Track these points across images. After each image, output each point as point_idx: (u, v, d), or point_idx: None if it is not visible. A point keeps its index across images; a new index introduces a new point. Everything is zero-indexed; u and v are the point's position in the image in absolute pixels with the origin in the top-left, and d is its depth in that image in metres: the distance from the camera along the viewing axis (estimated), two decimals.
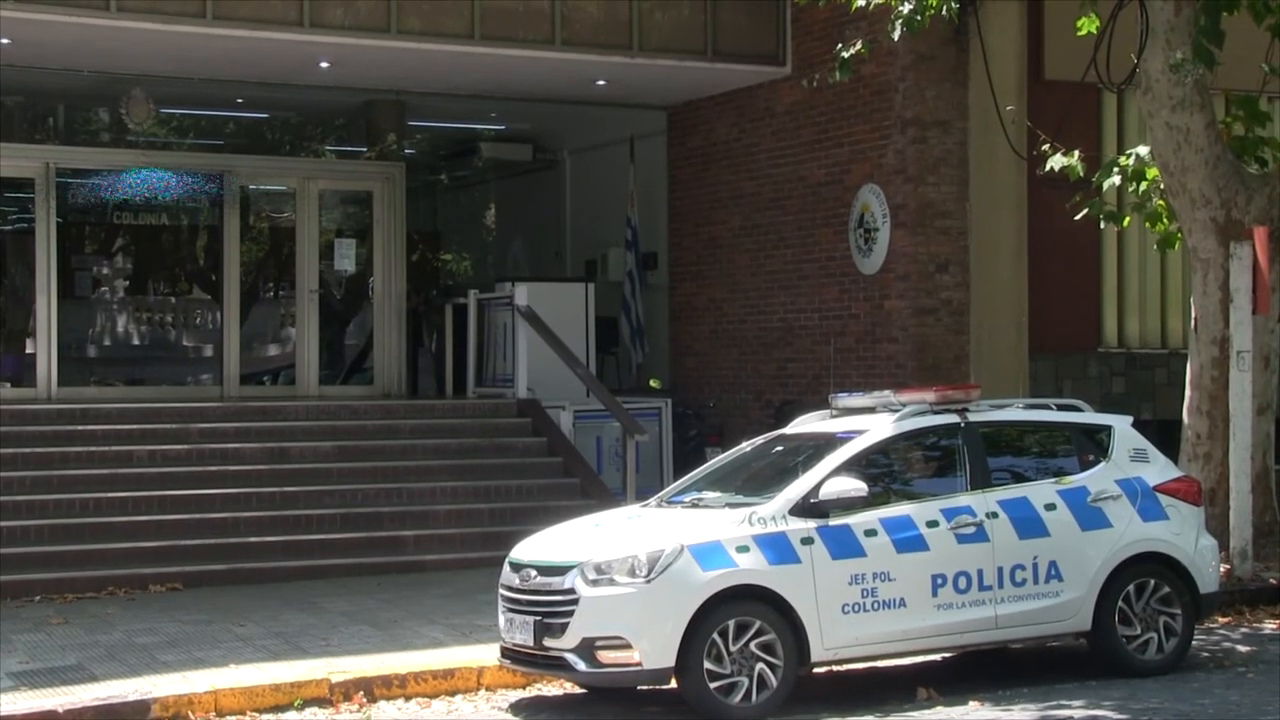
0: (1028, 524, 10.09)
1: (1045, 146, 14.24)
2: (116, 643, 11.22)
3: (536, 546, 9.97)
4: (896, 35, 13.43)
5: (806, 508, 9.60)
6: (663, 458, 17.64)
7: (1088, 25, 13.64)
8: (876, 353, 16.47)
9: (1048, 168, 14.15)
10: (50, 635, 11.53)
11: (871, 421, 10.42)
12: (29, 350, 18.13)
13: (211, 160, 19.79)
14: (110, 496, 14.45)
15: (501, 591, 9.89)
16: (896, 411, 10.45)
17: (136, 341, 21.04)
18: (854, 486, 9.65)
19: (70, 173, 18.50)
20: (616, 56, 16.96)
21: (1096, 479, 10.47)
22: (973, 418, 10.44)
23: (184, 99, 19.62)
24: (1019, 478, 10.38)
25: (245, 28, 15.51)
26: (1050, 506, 10.22)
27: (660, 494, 10.99)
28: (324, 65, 16.99)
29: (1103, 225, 15.14)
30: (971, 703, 9.52)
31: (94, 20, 15.03)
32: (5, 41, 15.72)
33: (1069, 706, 9.37)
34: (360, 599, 12.90)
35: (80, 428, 15.44)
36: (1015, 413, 11.00)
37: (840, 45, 13.74)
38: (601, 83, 18.02)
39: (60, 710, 9.32)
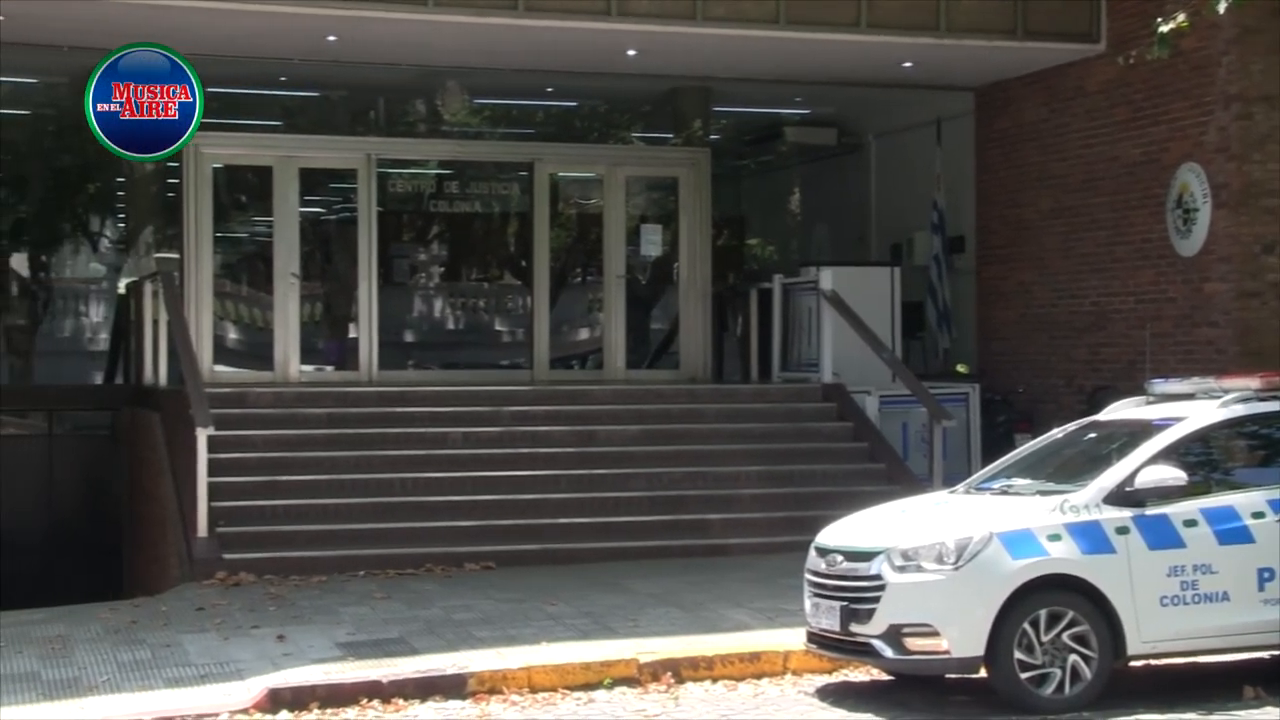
0: None
1: None
2: (434, 618, 11.58)
3: (843, 532, 9.94)
4: (1221, 8, 12.90)
5: (1122, 496, 9.34)
6: (970, 444, 17.35)
7: None
8: (1195, 337, 15.89)
9: None
10: (373, 609, 11.97)
11: (1191, 408, 10.06)
12: (351, 335, 18.83)
13: (522, 149, 20.29)
14: (427, 477, 14.90)
15: (807, 576, 9.88)
16: (1218, 398, 10.08)
17: (451, 326, 21.67)
18: (1172, 475, 9.35)
19: (389, 163, 19.16)
20: (923, 38, 16.74)
21: None
22: None
23: (495, 90, 20.14)
24: None
25: (555, 19, 15.84)
26: None
27: (968, 480, 10.83)
28: (631, 54, 17.23)
29: None
30: None
31: (412, 15, 15.55)
32: (332, 39, 16.41)
33: None
34: (666, 580, 13.03)
35: (399, 410, 15.97)
36: None
37: (1159, 20, 13.27)
38: (908, 65, 17.80)
39: (384, 681, 9.70)
